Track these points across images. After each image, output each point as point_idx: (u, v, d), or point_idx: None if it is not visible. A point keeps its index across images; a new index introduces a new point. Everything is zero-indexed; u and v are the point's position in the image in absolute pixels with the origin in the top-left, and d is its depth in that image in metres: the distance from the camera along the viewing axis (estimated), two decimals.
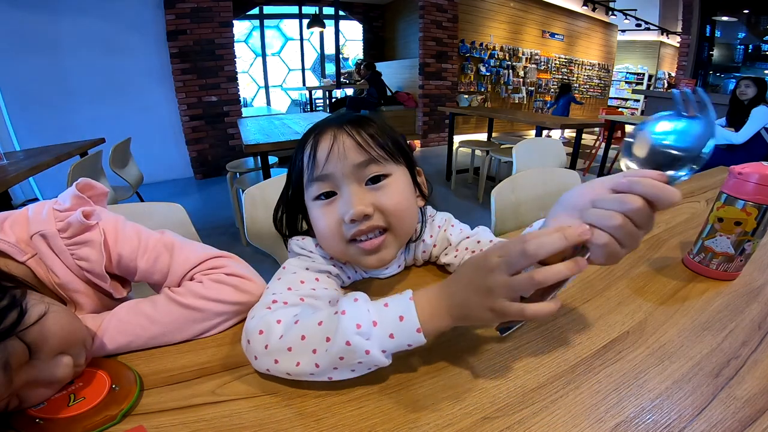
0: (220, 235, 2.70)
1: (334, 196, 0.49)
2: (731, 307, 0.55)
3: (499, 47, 6.62)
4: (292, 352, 0.38)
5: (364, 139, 0.48)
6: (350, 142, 0.48)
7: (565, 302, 0.57)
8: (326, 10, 6.26)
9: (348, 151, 0.47)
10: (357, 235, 0.48)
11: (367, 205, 0.47)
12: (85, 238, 0.47)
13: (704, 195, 1.07)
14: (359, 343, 0.35)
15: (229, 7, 3.91)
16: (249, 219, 0.90)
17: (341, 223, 0.48)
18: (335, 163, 0.47)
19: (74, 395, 0.38)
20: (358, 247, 0.49)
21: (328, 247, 0.52)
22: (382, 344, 0.36)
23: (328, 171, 0.48)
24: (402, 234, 0.52)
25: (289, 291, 0.47)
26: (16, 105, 3.32)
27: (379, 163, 0.48)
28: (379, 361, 0.37)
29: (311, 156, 0.49)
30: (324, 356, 0.37)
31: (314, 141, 0.49)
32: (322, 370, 0.38)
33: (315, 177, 0.49)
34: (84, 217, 0.46)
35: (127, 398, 0.38)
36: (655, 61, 10.13)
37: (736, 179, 0.58)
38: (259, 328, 0.41)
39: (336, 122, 0.50)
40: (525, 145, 1.73)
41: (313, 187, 0.49)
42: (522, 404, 0.39)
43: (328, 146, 0.47)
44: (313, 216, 0.51)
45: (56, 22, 3.33)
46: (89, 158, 1.89)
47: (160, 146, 4.00)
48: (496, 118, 4.14)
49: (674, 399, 0.39)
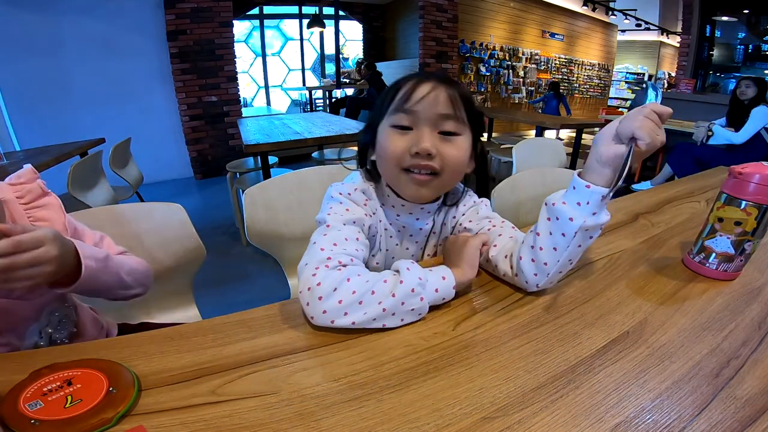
0: (220, 235, 2.70)
1: (409, 131, 0.57)
2: (731, 307, 0.55)
3: (499, 47, 6.62)
4: (363, 305, 0.48)
5: (455, 98, 0.57)
6: (444, 96, 0.56)
7: (564, 302, 0.57)
8: (326, 10, 6.26)
9: (440, 102, 0.56)
10: (413, 167, 0.57)
11: (434, 146, 0.56)
12: (43, 202, 0.57)
13: (704, 195, 1.07)
14: (419, 290, 0.49)
15: (229, 7, 3.90)
16: (249, 219, 0.90)
17: (406, 152, 0.57)
18: (426, 106, 0.56)
19: (71, 397, 0.38)
20: (409, 176, 0.58)
21: (385, 168, 0.61)
22: (429, 296, 0.51)
23: (417, 109, 0.56)
24: (446, 183, 0.62)
25: (335, 247, 0.53)
26: (16, 105, 3.32)
27: (457, 122, 0.57)
28: (424, 309, 0.50)
29: (409, 92, 0.56)
30: (389, 302, 0.48)
31: (416, 82, 0.57)
32: (384, 315, 0.48)
33: (404, 109, 0.56)
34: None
35: (124, 401, 0.38)
36: (655, 61, 10.13)
37: (736, 179, 0.58)
38: (333, 287, 0.48)
39: (438, 77, 0.59)
40: (525, 145, 1.73)
41: (398, 115, 0.57)
42: (522, 404, 0.39)
43: (427, 90, 0.56)
44: (385, 139, 0.59)
45: (56, 23, 3.33)
46: (89, 158, 1.89)
47: (160, 146, 3.99)
48: (496, 118, 4.14)
49: (674, 399, 0.39)
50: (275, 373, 0.43)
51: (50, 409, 0.36)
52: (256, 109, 6.48)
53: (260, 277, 2.12)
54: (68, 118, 3.52)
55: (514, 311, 0.55)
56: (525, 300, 0.58)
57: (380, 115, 0.60)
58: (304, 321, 0.53)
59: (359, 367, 0.44)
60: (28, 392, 0.38)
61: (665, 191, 1.11)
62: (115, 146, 2.15)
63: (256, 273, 2.16)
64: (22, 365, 0.42)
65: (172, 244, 0.81)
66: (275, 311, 0.55)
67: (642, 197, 1.05)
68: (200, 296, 0.90)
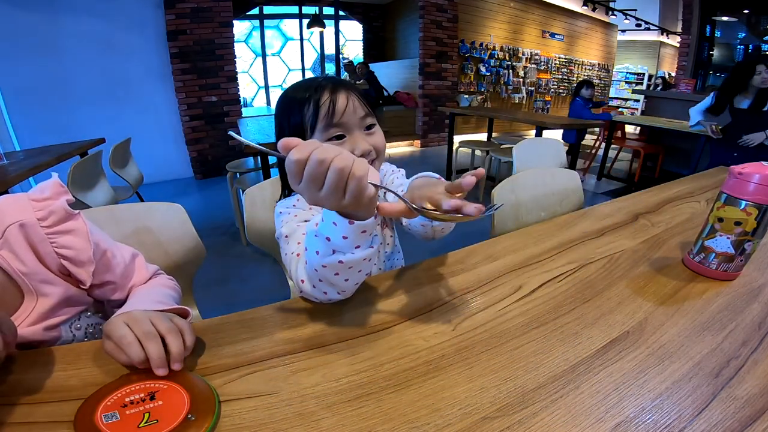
0: (220, 235, 2.70)
1: (343, 138, 0.63)
2: (731, 307, 0.55)
3: (499, 47, 6.62)
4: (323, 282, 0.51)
5: (360, 97, 0.65)
6: (356, 100, 0.64)
7: (565, 302, 0.57)
8: (326, 10, 6.26)
9: (357, 107, 0.64)
10: None
11: (368, 145, 0.64)
12: (69, 227, 0.49)
13: (704, 195, 1.07)
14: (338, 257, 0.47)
15: (229, 7, 3.90)
16: (249, 219, 0.90)
17: None
18: (350, 115, 0.63)
19: (149, 414, 0.36)
20: None
21: None
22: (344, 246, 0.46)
23: (344, 120, 0.62)
24: (381, 162, 0.70)
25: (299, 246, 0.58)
26: (16, 105, 3.32)
27: (371, 115, 0.66)
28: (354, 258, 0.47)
29: (332, 107, 0.61)
30: (341, 277, 0.49)
31: (330, 96, 0.62)
32: (346, 286, 0.51)
33: (334, 123, 0.62)
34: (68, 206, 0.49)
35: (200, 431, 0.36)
36: (655, 61, 10.13)
37: (736, 179, 0.58)
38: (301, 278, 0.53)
39: (339, 83, 0.64)
40: (525, 145, 1.73)
41: (330, 130, 0.62)
42: (522, 404, 0.39)
43: (344, 101, 0.62)
44: None
45: (56, 22, 3.33)
46: (89, 158, 1.89)
47: (160, 146, 4.00)
48: (496, 118, 4.14)
49: (674, 399, 0.39)
50: (275, 373, 0.43)
51: (124, 424, 0.35)
52: (256, 109, 6.49)
53: (260, 277, 2.12)
54: (68, 118, 3.52)
55: (514, 311, 0.55)
56: (525, 300, 0.58)
57: (302, 132, 0.64)
58: (304, 321, 0.53)
59: (359, 367, 0.44)
60: (110, 399, 0.37)
61: (665, 191, 1.11)
62: (115, 146, 2.15)
63: (256, 273, 2.16)
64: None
65: (172, 244, 0.81)
66: (275, 311, 0.55)
67: (642, 197, 1.05)
68: (200, 296, 0.90)
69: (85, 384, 0.41)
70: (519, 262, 0.69)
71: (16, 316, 0.46)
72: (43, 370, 0.43)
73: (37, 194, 0.49)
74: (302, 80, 0.68)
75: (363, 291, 0.60)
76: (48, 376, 0.42)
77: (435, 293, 0.60)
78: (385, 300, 0.58)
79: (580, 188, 1.16)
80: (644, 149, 3.72)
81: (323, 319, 0.53)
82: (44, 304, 0.48)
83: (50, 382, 0.42)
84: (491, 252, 0.73)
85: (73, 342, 0.51)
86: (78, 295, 0.52)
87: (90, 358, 0.45)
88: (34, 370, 0.43)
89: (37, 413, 0.37)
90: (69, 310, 0.51)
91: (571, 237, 0.80)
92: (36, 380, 0.42)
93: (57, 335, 0.50)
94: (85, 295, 0.53)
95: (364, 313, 0.55)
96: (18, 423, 0.36)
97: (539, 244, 0.77)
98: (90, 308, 0.55)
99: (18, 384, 0.41)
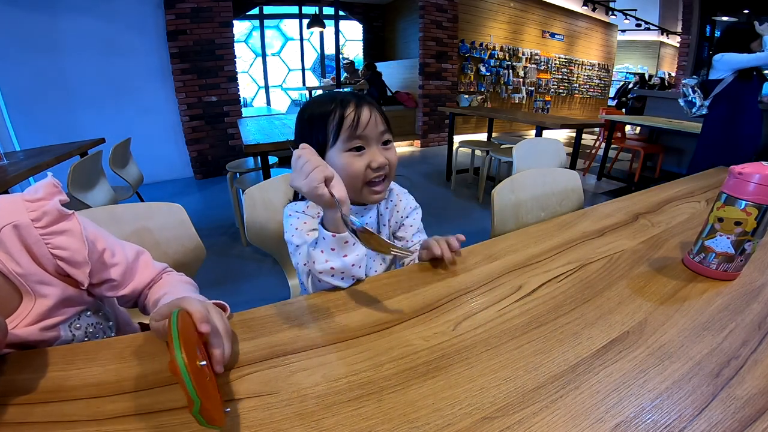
0: (220, 235, 2.70)
1: (363, 150, 0.68)
2: (731, 307, 0.55)
3: (499, 47, 6.62)
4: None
5: (383, 116, 0.70)
6: (379, 117, 0.69)
7: (565, 302, 0.57)
8: (326, 10, 6.26)
9: (378, 122, 0.68)
10: (375, 178, 0.69)
11: (384, 159, 0.69)
12: (63, 227, 0.49)
13: (704, 195, 1.07)
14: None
15: (229, 7, 3.90)
16: (249, 219, 0.90)
17: (366, 168, 0.68)
18: (371, 128, 0.67)
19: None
20: (370, 188, 0.70)
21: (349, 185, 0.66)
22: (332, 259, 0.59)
23: (366, 133, 0.67)
24: (392, 179, 0.75)
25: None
26: (16, 105, 3.31)
27: (389, 132, 0.71)
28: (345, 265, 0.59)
29: (356, 120, 0.66)
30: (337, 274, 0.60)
31: (355, 109, 0.67)
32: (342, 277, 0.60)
33: (357, 135, 0.67)
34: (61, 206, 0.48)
35: None
36: (655, 61, 10.14)
37: (736, 179, 0.58)
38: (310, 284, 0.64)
39: (364, 100, 0.69)
40: (525, 145, 1.73)
41: (352, 141, 0.67)
42: (522, 404, 0.39)
43: (368, 115, 0.67)
44: (344, 161, 0.68)
45: (56, 22, 3.33)
46: (89, 158, 1.89)
47: (160, 146, 3.99)
48: (496, 118, 4.13)
49: (674, 399, 0.39)
50: (275, 373, 0.43)
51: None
52: (256, 109, 6.48)
53: (260, 277, 2.12)
54: (68, 117, 3.52)
55: (514, 311, 0.55)
56: (525, 300, 0.58)
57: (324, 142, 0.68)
58: (303, 321, 0.53)
59: (359, 367, 0.44)
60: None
61: (665, 191, 1.11)
62: (115, 146, 2.15)
63: (256, 273, 2.16)
64: None
65: (172, 244, 0.81)
66: (275, 311, 0.55)
67: (642, 197, 1.05)
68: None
69: (85, 384, 0.41)
70: (519, 262, 0.69)
71: (14, 317, 0.46)
72: (42, 370, 0.43)
73: (31, 195, 0.48)
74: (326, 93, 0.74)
75: (363, 291, 0.60)
76: (47, 376, 0.42)
77: (435, 293, 0.60)
78: (385, 300, 0.58)
79: (580, 188, 1.16)
80: (644, 149, 3.73)
81: (323, 319, 0.53)
82: (43, 305, 0.47)
83: (49, 382, 0.42)
84: (491, 252, 0.73)
85: (72, 342, 0.51)
86: (77, 295, 0.52)
87: (90, 358, 0.45)
88: (32, 370, 0.43)
89: (36, 413, 0.37)
90: (68, 310, 0.51)
91: (571, 237, 0.80)
92: (34, 380, 0.42)
93: (56, 335, 0.50)
94: (85, 295, 0.53)
95: (364, 313, 0.55)
96: (18, 423, 0.36)
97: (539, 244, 0.77)
98: (90, 308, 0.55)
99: (14, 384, 0.41)
